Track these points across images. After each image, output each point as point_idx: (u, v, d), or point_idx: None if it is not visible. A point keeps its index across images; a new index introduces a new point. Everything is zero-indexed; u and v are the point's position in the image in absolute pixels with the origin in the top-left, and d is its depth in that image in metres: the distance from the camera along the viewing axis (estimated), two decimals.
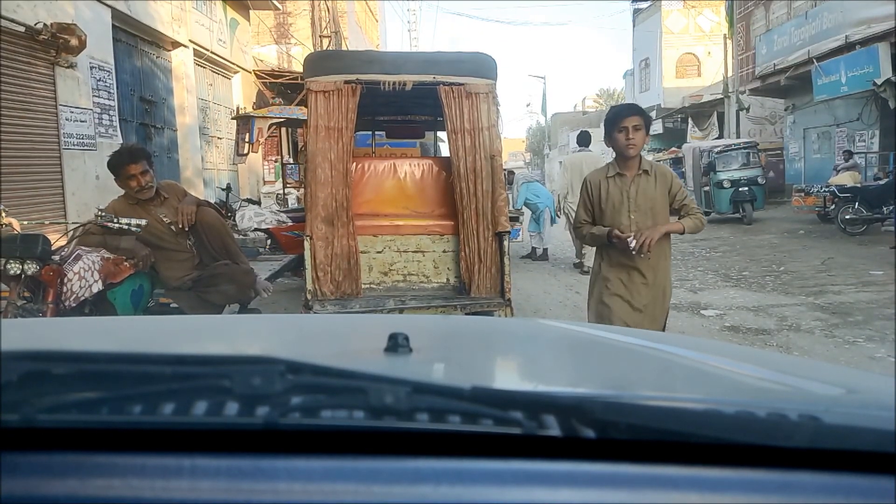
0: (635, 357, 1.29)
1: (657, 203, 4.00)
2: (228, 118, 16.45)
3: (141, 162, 4.69)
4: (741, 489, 0.66)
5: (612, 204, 4.03)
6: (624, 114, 3.95)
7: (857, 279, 9.22)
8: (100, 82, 10.50)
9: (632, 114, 3.95)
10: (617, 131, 3.93)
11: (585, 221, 4.21)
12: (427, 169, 6.93)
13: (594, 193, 4.11)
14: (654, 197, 4.00)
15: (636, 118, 3.92)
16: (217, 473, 0.64)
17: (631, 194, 3.99)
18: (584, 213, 4.20)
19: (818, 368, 1.36)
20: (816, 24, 17.52)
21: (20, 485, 0.62)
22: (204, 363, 0.73)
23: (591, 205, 4.14)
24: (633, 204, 3.99)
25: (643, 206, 3.99)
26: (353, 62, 5.75)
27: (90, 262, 4.22)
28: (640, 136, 3.92)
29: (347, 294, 5.68)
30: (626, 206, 4.00)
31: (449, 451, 0.67)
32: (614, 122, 3.94)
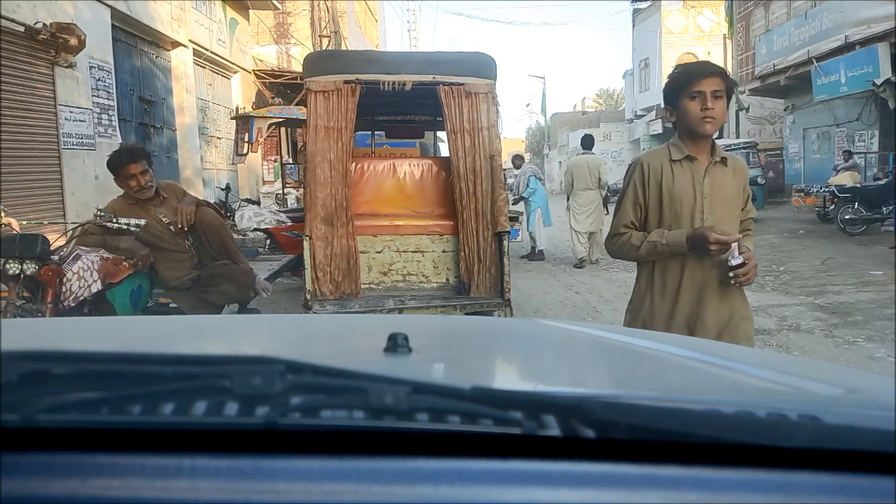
0: (635, 357, 1.29)
1: (731, 206, 2.92)
2: (228, 118, 16.44)
3: (141, 162, 4.70)
4: (741, 489, 0.66)
5: (679, 199, 2.87)
6: (698, 73, 2.82)
7: (856, 279, 9.23)
8: (99, 82, 10.50)
9: (710, 74, 2.81)
10: (688, 97, 2.81)
11: (631, 226, 2.99)
12: (427, 169, 6.93)
13: (653, 182, 2.93)
14: (731, 196, 2.92)
15: (716, 80, 2.79)
16: (217, 473, 0.64)
17: (705, 189, 2.87)
18: (633, 212, 2.98)
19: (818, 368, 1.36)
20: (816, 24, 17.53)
21: (20, 485, 0.62)
22: (204, 363, 0.73)
23: (645, 199, 2.95)
24: (707, 203, 2.86)
25: (718, 205, 2.88)
26: (352, 62, 5.75)
27: (89, 262, 4.22)
28: (720, 106, 2.81)
29: (347, 294, 5.68)
30: (697, 205, 2.86)
31: (449, 451, 0.67)
32: (685, 84, 2.83)
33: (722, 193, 2.88)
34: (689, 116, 2.81)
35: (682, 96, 2.83)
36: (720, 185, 2.88)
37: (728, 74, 2.89)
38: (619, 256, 3.07)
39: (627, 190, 3.01)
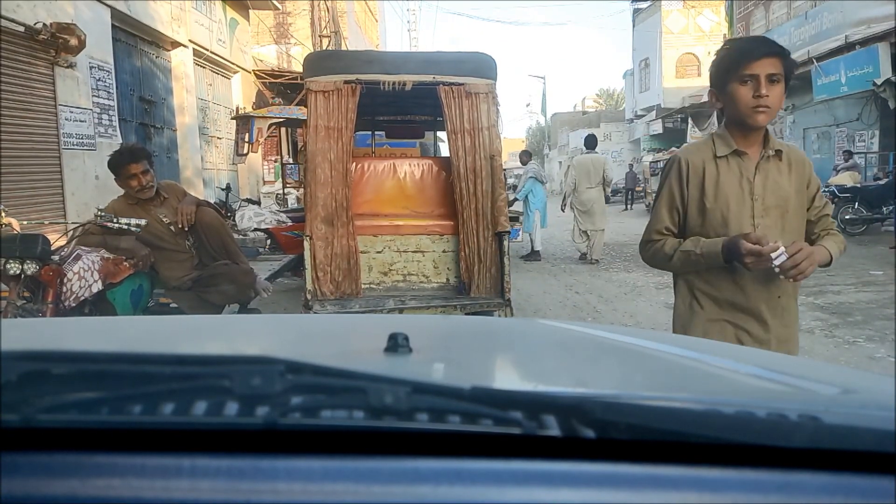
0: (635, 357, 1.29)
1: (790, 205, 2.50)
2: (228, 118, 16.45)
3: (142, 161, 4.70)
4: (741, 489, 0.66)
5: (725, 202, 2.47)
6: (752, 53, 2.34)
7: (856, 279, 9.23)
8: (99, 82, 10.50)
9: (765, 53, 2.33)
10: (738, 81, 2.36)
11: (667, 232, 2.60)
12: (427, 169, 6.93)
13: (693, 183, 2.52)
14: (788, 195, 2.49)
15: (773, 61, 2.33)
16: (217, 473, 0.64)
17: (756, 187, 2.46)
18: (668, 217, 2.59)
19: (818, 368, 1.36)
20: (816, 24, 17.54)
21: (20, 485, 0.62)
22: (204, 363, 0.73)
23: (684, 202, 2.55)
24: (759, 203, 2.47)
25: (773, 208, 2.48)
26: (352, 62, 5.76)
27: (90, 262, 4.22)
28: (776, 93, 2.36)
29: (347, 294, 5.68)
30: (747, 206, 2.46)
31: (448, 451, 0.67)
32: (735, 65, 2.37)
33: (777, 193, 2.47)
34: (739, 104, 2.39)
35: (730, 79, 2.39)
36: (775, 183, 2.48)
37: (789, 54, 2.41)
38: (653, 265, 2.73)
39: (662, 191, 2.61)
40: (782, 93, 2.39)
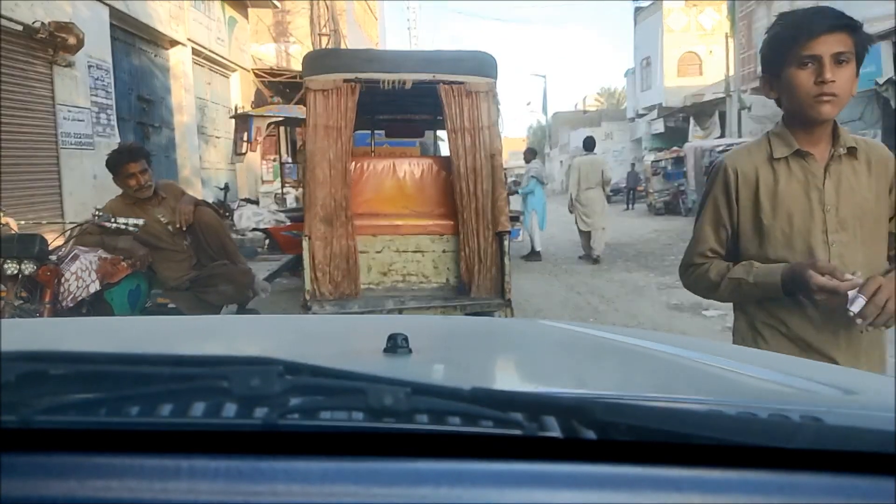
0: (636, 358, 1.29)
1: (869, 218, 2.02)
2: (227, 117, 16.45)
3: (140, 160, 4.71)
4: (742, 490, 0.66)
5: (787, 214, 2.02)
6: (812, 28, 1.89)
7: None
8: (98, 81, 10.50)
9: (830, 28, 1.88)
10: (796, 65, 1.92)
11: (712, 255, 2.18)
12: (427, 168, 6.94)
13: (744, 194, 2.08)
14: (866, 201, 2.01)
15: (840, 37, 1.89)
16: (216, 475, 0.63)
17: (828, 195, 2.00)
18: (714, 236, 2.17)
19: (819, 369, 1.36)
20: None
21: (18, 486, 0.61)
22: (202, 364, 0.73)
23: (732, 219, 2.12)
24: (832, 215, 2.00)
25: (850, 220, 2.00)
26: (352, 61, 5.76)
27: (87, 262, 4.21)
28: (845, 76, 1.90)
29: (346, 294, 5.68)
30: (817, 219, 2.00)
31: (449, 452, 0.67)
32: (792, 44, 1.92)
33: (854, 201, 2.00)
34: (798, 93, 1.93)
35: (786, 63, 1.94)
36: (851, 188, 2.00)
37: (860, 26, 1.93)
38: (696, 293, 2.29)
39: (706, 206, 2.18)
40: (853, 76, 1.93)
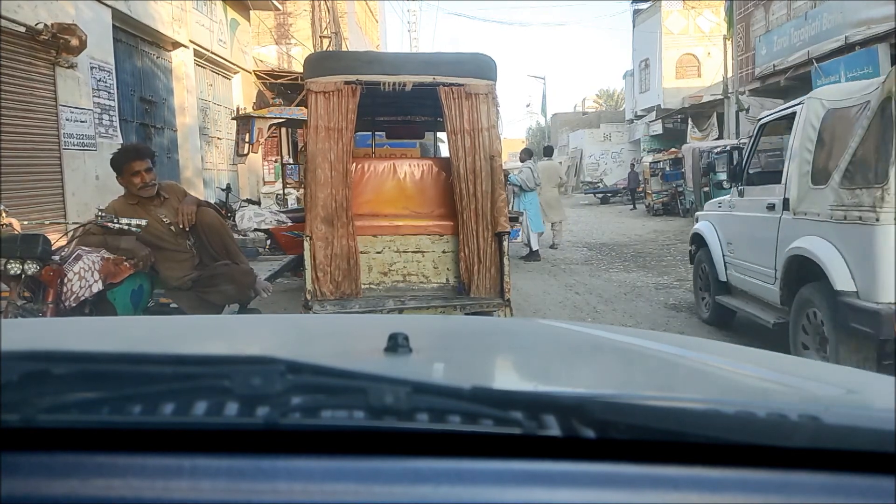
0: (635, 357, 1.29)
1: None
2: (228, 118, 16.45)
3: (145, 159, 4.74)
4: (741, 489, 0.66)
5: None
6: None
7: None
8: (100, 82, 10.50)
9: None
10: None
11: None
12: (427, 169, 6.94)
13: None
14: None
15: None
16: (217, 473, 0.64)
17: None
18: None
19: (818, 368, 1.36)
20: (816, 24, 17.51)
21: (20, 485, 0.62)
22: (204, 363, 0.73)
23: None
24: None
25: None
26: (353, 63, 5.76)
27: (90, 263, 4.21)
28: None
29: (347, 294, 5.68)
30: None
31: (449, 451, 0.67)
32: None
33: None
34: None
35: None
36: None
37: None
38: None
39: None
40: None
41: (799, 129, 5.16)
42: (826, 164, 4.78)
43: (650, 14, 35.02)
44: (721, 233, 6.70)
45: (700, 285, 7.28)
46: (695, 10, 33.33)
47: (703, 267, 7.06)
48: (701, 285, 7.25)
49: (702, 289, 7.22)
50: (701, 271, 7.19)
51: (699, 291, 7.33)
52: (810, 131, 5.01)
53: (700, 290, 7.29)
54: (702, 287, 7.21)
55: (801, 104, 5.29)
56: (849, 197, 4.38)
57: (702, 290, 7.23)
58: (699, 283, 7.30)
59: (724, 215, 6.74)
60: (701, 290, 7.25)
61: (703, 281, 7.17)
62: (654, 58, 34.25)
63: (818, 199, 4.76)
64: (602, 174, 40.80)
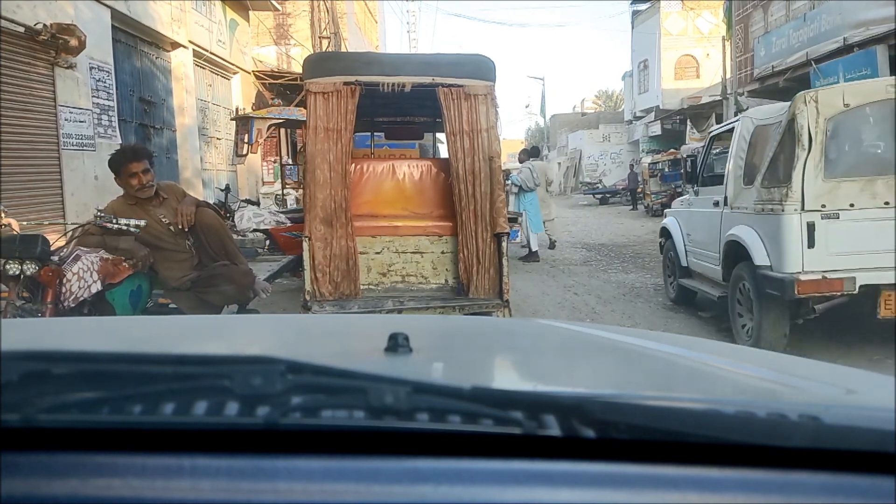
0: (635, 357, 1.29)
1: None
2: (228, 119, 16.44)
3: (143, 160, 4.74)
4: (741, 489, 0.66)
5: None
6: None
7: None
8: (99, 83, 10.50)
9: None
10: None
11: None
12: (426, 170, 6.94)
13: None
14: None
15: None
16: (217, 473, 0.64)
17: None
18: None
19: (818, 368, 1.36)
20: (815, 26, 17.52)
21: (20, 485, 0.62)
22: (204, 363, 0.73)
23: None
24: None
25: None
26: (352, 63, 5.76)
27: (89, 263, 4.22)
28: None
29: (346, 295, 5.68)
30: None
31: (449, 451, 0.67)
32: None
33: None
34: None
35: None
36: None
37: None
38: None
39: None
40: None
41: (735, 141, 6.43)
42: (753, 168, 5.99)
43: (649, 15, 35.04)
44: (683, 226, 7.85)
45: (668, 271, 8.37)
46: (694, 11, 33.34)
47: (670, 255, 8.14)
48: (668, 271, 8.34)
49: (669, 274, 8.29)
50: (668, 259, 8.32)
51: (667, 276, 8.42)
52: (743, 143, 6.29)
53: (668, 276, 8.37)
54: (669, 273, 8.28)
55: (738, 120, 6.63)
56: (766, 194, 5.60)
57: (669, 275, 8.29)
58: (667, 270, 8.42)
59: (684, 211, 7.98)
60: (669, 275, 8.32)
61: (669, 267, 8.25)
62: (652, 59, 34.28)
63: (747, 196, 5.96)
64: (601, 175, 40.80)
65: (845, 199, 5.23)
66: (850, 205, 5.23)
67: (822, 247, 5.19)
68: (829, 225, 5.22)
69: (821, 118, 5.27)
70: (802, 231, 5.21)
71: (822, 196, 5.23)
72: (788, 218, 5.25)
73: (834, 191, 5.25)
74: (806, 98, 5.35)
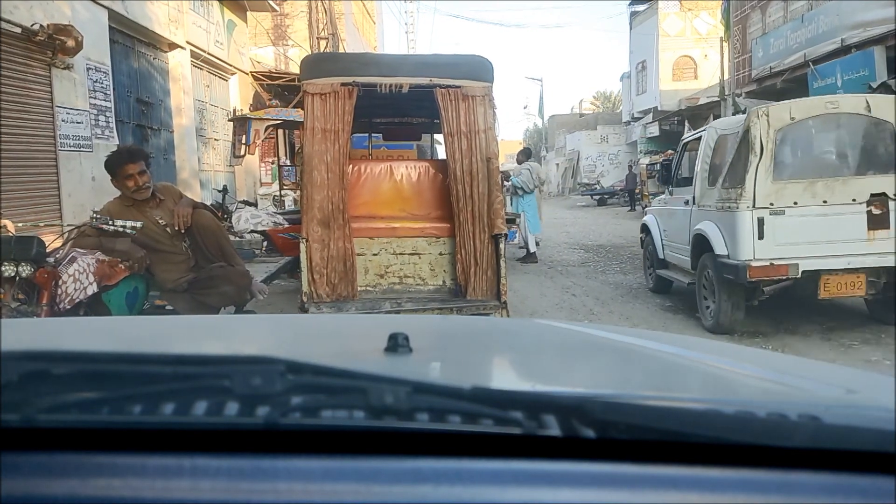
0: (635, 357, 1.29)
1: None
2: (225, 120, 16.42)
3: (139, 162, 4.72)
4: (741, 489, 0.66)
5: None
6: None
7: None
8: (96, 84, 10.48)
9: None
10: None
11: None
12: (423, 171, 6.94)
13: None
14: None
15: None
16: (217, 473, 0.63)
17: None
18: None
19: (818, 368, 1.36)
20: (812, 27, 17.54)
21: (20, 485, 0.61)
22: (204, 363, 0.73)
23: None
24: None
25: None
26: (349, 64, 5.77)
27: (85, 265, 4.20)
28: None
29: (343, 296, 5.68)
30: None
31: (449, 451, 0.67)
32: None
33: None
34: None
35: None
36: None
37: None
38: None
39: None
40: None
41: (702, 148, 7.40)
42: (716, 171, 6.94)
43: (647, 16, 35.06)
44: (660, 222, 8.78)
45: (647, 263, 9.31)
46: (691, 12, 33.36)
47: (650, 248, 9.06)
48: (648, 263, 9.28)
49: (649, 266, 9.20)
50: (648, 252, 9.23)
51: (647, 268, 9.37)
52: (708, 150, 7.25)
53: (648, 267, 9.30)
54: (649, 265, 9.20)
55: (705, 130, 7.69)
56: (725, 194, 6.51)
57: (649, 267, 9.20)
58: (647, 262, 9.35)
59: (661, 209, 8.93)
60: (648, 266, 9.26)
61: (649, 259, 9.19)
62: (650, 60, 34.28)
63: (711, 195, 6.89)
64: (599, 176, 40.80)
65: (790, 198, 6.11)
66: (794, 203, 6.11)
67: (771, 238, 6.08)
68: (776, 220, 6.10)
69: (771, 130, 6.16)
70: (754, 225, 6.09)
71: (770, 195, 6.11)
72: (742, 214, 6.12)
73: (781, 191, 6.12)
74: (759, 112, 6.30)
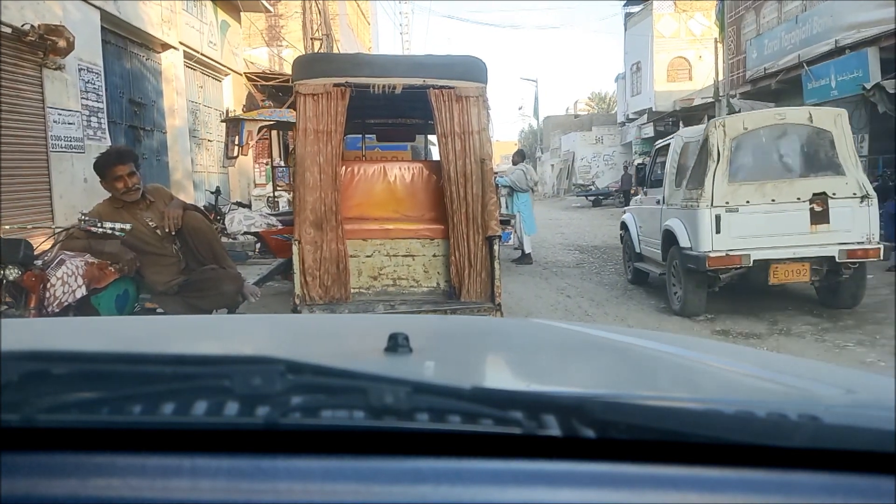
0: (635, 357, 1.29)
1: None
2: (219, 121, 16.40)
3: (128, 163, 4.69)
4: (741, 489, 0.66)
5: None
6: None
7: None
8: (88, 84, 10.45)
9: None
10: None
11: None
12: (417, 172, 6.93)
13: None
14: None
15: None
16: (217, 473, 0.63)
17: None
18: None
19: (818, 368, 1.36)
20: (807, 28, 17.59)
21: (20, 485, 0.61)
22: (204, 363, 0.73)
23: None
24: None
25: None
26: (342, 65, 5.76)
27: (74, 267, 4.17)
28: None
29: (336, 299, 5.66)
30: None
31: (449, 451, 0.67)
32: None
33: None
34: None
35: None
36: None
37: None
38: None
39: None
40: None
41: (670, 154, 8.40)
42: (682, 174, 7.92)
43: (642, 17, 35.12)
44: (636, 219, 9.73)
45: (626, 257, 10.26)
46: (686, 13, 33.43)
47: (628, 243, 10.00)
48: (626, 257, 10.22)
49: (628, 259, 10.13)
50: (626, 247, 10.18)
51: (626, 261, 10.28)
52: (675, 155, 8.25)
53: (627, 261, 10.22)
54: (628, 258, 10.12)
55: (673, 138, 8.77)
56: (688, 194, 7.48)
57: (628, 261, 10.12)
58: (625, 256, 10.32)
59: (638, 208, 9.93)
60: (627, 260, 10.19)
61: (627, 253, 10.12)
62: (645, 61, 34.34)
63: (677, 196, 7.86)
64: (594, 177, 40.83)
65: (743, 197, 7.02)
66: (746, 202, 7.02)
67: (726, 232, 6.99)
68: (731, 217, 7.01)
69: (727, 138, 7.11)
70: (712, 221, 7.01)
71: (726, 195, 7.02)
72: (702, 212, 7.04)
73: (735, 192, 7.03)
74: (716, 123, 7.35)
